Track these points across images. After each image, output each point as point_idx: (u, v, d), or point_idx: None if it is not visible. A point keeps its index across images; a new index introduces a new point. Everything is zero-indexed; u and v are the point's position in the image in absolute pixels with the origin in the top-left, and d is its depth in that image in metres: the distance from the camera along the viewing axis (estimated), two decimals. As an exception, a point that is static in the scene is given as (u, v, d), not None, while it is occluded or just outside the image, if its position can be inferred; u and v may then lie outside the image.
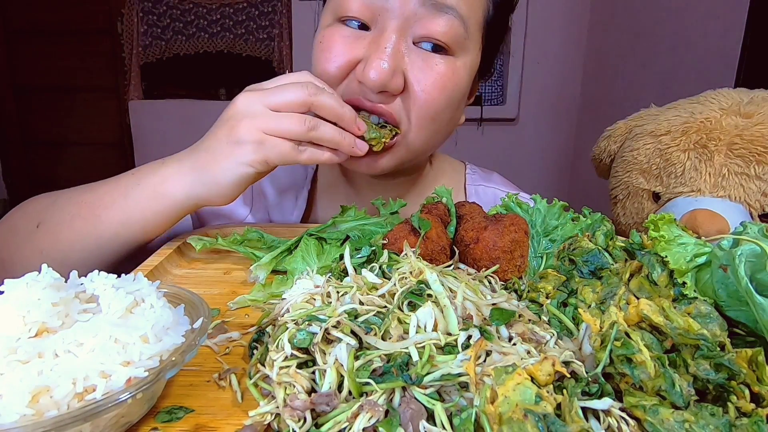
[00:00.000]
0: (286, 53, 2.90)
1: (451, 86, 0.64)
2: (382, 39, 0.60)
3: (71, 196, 0.62)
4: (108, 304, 0.36)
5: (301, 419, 0.31)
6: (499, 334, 0.36)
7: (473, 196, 0.87)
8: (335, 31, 0.63)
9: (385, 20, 0.60)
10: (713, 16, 1.69)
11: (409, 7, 0.59)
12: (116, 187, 0.60)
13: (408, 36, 0.61)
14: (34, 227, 0.61)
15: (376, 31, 0.61)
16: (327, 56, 0.63)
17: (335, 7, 0.63)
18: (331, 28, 0.64)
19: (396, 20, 0.60)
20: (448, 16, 0.60)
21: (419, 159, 0.76)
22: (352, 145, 0.59)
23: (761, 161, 0.70)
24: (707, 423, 0.28)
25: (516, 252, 0.51)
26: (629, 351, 0.32)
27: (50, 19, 2.94)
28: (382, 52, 0.59)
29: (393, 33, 0.60)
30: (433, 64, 0.62)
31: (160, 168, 0.59)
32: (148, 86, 3.02)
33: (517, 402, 0.28)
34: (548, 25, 2.67)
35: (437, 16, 0.60)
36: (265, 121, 0.55)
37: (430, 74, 0.62)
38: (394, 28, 0.60)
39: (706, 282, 0.40)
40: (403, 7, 0.59)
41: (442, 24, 0.60)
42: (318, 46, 0.65)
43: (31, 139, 3.14)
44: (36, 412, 0.28)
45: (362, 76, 0.60)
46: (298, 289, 0.44)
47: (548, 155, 2.91)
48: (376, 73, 0.58)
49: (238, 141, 0.55)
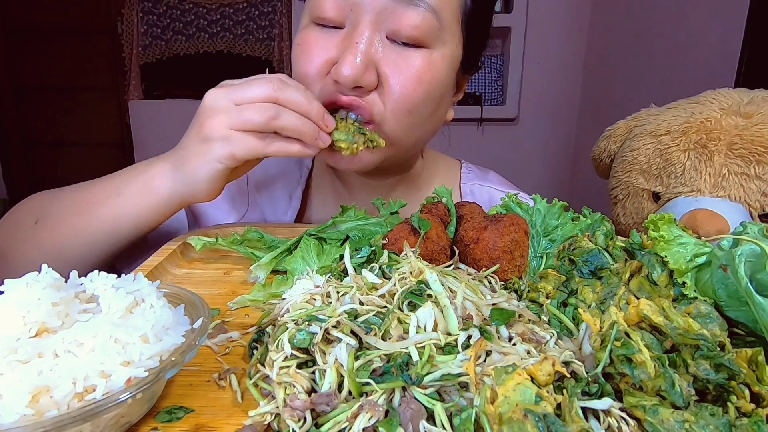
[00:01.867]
0: (286, 53, 2.90)
1: (428, 79, 0.63)
2: (354, 35, 0.60)
3: (68, 194, 0.64)
4: (108, 304, 0.36)
5: (301, 419, 0.31)
6: (499, 334, 0.36)
7: (468, 196, 0.87)
8: (311, 32, 0.64)
9: (357, 16, 0.61)
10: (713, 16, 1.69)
11: (379, 1, 0.59)
12: (110, 185, 0.62)
13: (381, 31, 0.61)
14: (33, 223, 0.63)
15: (348, 28, 0.62)
16: (305, 58, 0.64)
17: (311, 8, 0.64)
18: (307, 30, 0.64)
19: (367, 15, 0.60)
20: (420, 9, 0.60)
21: (405, 156, 0.75)
22: (314, 135, 0.59)
23: (761, 161, 0.70)
24: (707, 423, 0.28)
25: (516, 252, 0.51)
26: (629, 351, 0.32)
27: (50, 19, 2.94)
28: (355, 48, 0.59)
29: (365, 28, 0.60)
30: (408, 58, 0.62)
31: (149, 166, 0.61)
32: (148, 86, 3.02)
33: (517, 402, 0.28)
34: (548, 25, 2.67)
35: (409, 9, 0.60)
36: (229, 117, 0.56)
37: (405, 68, 0.62)
38: (366, 24, 0.60)
39: (706, 282, 0.40)
40: (374, 2, 0.60)
41: (414, 17, 0.60)
42: (296, 49, 0.66)
43: (31, 139, 3.14)
44: (36, 412, 0.28)
45: (336, 73, 0.60)
46: (298, 289, 0.44)
47: (548, 155, 2.91)
48: (348, 68, 0.59)
49: (206, 138, 0.57)
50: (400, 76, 0.62)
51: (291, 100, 0.57)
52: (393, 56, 0.62)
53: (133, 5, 2.88)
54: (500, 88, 2.82)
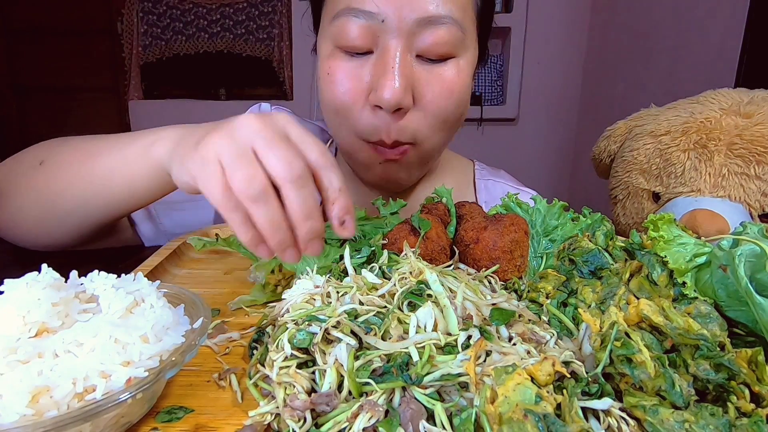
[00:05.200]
0: (286, 53, 2.90)
1: (457, 89, 0.65)
2: (387, 59, 0.61)
3: (79, 142, 0.62)
4: (108, 304, 0.36)
5: (301, 419, 0.31)
6: (499, 334, 0.36)
7: (483, 191, 0.89)
8: (340, 61, 0.64)
9: (386, 41, 0.61)
10: (713, 16, 1.69)
11: (407, 24, 0.60)
12: (118, 141, 0.60)
13: (411, 51, 0.62)
14: (37, 164, 0.61)
15: (379, 53, 0.62)
16: (340, 90, 0.64)
17: (334, 36, 0.63)
18: (335, 59, 0.64)
19: (397, 39, 0.61)
20: (445, 25, 0.61)
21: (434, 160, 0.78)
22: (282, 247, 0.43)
23: (761, 161, 0.70)
24: (707, 423, 0.28)
25: (516, 252, 0.51)
26: (629, 351, 0.32)
27: (50, 19, 2.94)
28: (391, 72, 0.60)
29: (396, 51, 0.61)
30: (439, 74, 0.63)
31: (157, 132, 0.57)
32: (148, 86, 3.02)
33: (517, 402, 0.28)
34: (548, 26, 2.67)
35: (436, 28, 0.61)
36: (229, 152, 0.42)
37: (438, 83, 0.63)
38: (397, 47, 0.61)
39: (705, 282, 0.40)
40: (401, 26, 0.60)
41: (442, 34, 0.61)
42: (326, 79, 0.65)
43: (31, 139, 3.13)
44: (36, 412, 0.28)
45: (377, 99, 0.61)
46: (298, 289, 0.44)
47: (548, 155, 2.91)
48: (389, 92, 0.60)
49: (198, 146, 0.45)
50: (433, 92, 0.63)
51: (293, 203, 0.42)
52: (425, 74, 0.63)
53: (133, 5, 2.88)
54: (500, 88, 2.82)
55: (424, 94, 0.63)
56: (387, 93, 0.60)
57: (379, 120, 0.63)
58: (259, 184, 0.41)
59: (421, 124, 0.65)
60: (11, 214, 0.62)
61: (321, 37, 0.68)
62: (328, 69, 0.65)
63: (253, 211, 0.41)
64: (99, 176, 0.58)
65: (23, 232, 0.65)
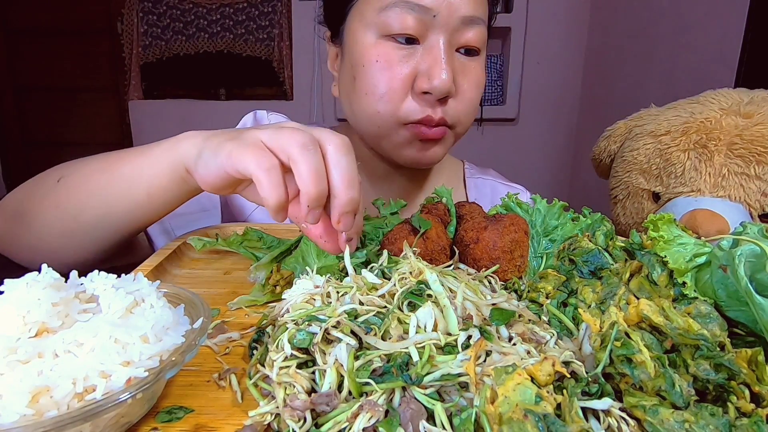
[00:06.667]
0: (286, 53, 2.90)
1: (483, 81, 0.75)
2: (436, 51, 0.68)
3: (96, 157, 0.62)
4: (108, 304, 0.36)
5: (301, 419, 0.31)
6: (499, 334, 0.36)
7: (473, 189, 0.93)
8: (390, 49, 0.69)
9: (435, 34, 0.68)
10: (713, 16, 1.69)
11: (454, 21, 0.67)
12: (136, 149, 0.59)
13: (453, 46, 0.69)
14: (56, 182, 0.61)
15: (427, 44, 0.68)
16: (390, 74, 0.69)
17: (384, 25, 0.68)
18: (384, 46, 0.69)
19: (444, 34, 0.67)
20: (479, 25, 0.70)
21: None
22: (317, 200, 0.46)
23: (761, 161, 0.70)
24: (707, 423, 0.28)
25: (516, 252, 0.51)
26: (629, 351, 0.32)
27: (50, 19, 2.94)
28: (440, 62, 0.67)
29: (443, 44, 0.68)
30: (472, 67, 0.72)
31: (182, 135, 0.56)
32: (148, 86, 3.02)
33: (517, 402, 0.28)
34: (548, 26, 2.67)
35: (471, 27, 0.69)
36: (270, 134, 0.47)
37: (471, 76, 0.72)
38: (444, 41, 0.68)
39: (705, 282, 0.40)
40: (449, 22, 0.67)
41: (475, 32, 0.69)
42: (374, 66, 0.69)
43: (31, 139, 3.14)
44: (36, 412, 0.28)
45: (429, 86, 0.67)
46: (298, 289, 0.44)
47: (548, 155, 2.91)
48: (440, 81, 0.66)
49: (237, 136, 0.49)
50: (468, 83, 0.72)
51: (338, 166, 0.46)
52: (461, 67, 0.71)
53: (133, 5, 2.88)
54: (500, 88, 2.82)
55: (461, 84, 0.71)
56: (438, 81, 0.66)
57: (424, 103, 0.69)
58: (308, 137, 0.46)
59: (458, 110, 0.72)
60: (36, 233, 0.62)
61: (358, 27, 0.71)
62: (377, 56, 0.69)
63: (300, 159, 0.44)
64: (120, 183, 0.58)
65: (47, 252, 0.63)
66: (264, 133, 0.47)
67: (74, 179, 0.61)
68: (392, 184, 0.85)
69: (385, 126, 0.72)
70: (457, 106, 0.72)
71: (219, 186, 0.51)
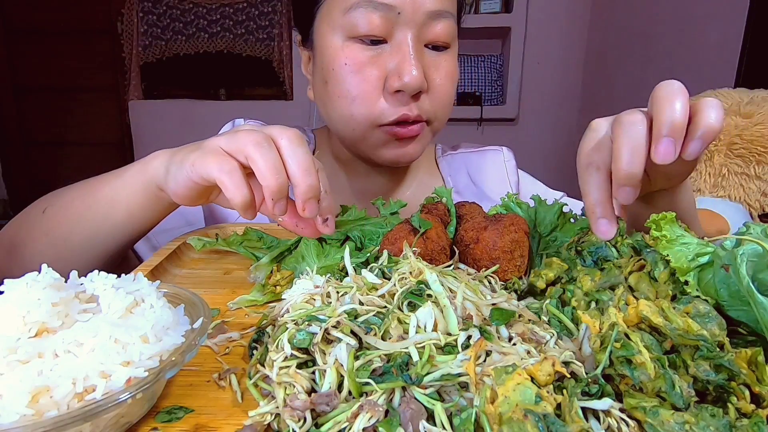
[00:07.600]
0: (286, 53, 2.90)
1: (455, 73, 0.74)
2: (404, 48, 0.67)
3: (79, 184, 0.64)
4: (108, 304, 0.36)
5: (301, 419, 0.31)
6: (499, 334, 0.36)
7: (446, 168, 0.93)
8: (357, 51, 0.68)
9: (401, 31, 0.67)
10: (713, 16, 1.69)
11: (419, 17, 0.67)
12: (113, 172, 0.61)
13: (421, 41, 0.69)
14: (41, 212, 0.63)
15: (394, 42, 0.68)
16: (361, 77, 0.68)
17: (349, 27, 0.67)
18: (351, 49, 0.68)
19: (410, 30, 0.67)
20: (447, 18, 0.69)
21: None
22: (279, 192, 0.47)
23: (761, 161, 0.70)
24: (707, 424, 0.28)
25: (516, 252, 0.51)
26: (629, 352, 0.32)
27: (50, 19, 2.94)
28: (409, 58, 0.67)
29: (412, 41, 0.67)
30: (442, 61, 0.72)
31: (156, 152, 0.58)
32: (148, 86, 3.02)
33: (517, 402, 0.28)
34: (548, 26, 2.67)
35: (438, 21, 0.68)
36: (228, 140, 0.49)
37: (442, 69, 0.72)
38: (411, 37, 0.67)
39: (708, 282, 0.40)
40: (415, 18, 0.67)
41: (443, 26, 0.69)
42: (344, 69, 0.69)
43: (31, 139, 3.14)
44: (36, 412, 0.28)
45: (400, 83, 0.66)
46: (298, 289, 0.44)
47: (548, 155, 2.91)
48: (410, 77, 0.66)
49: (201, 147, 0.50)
50: (439, 77, 0.71)
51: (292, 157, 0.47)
52: (432, 62, 0.71)
53: (133, 5, 2.88)
54: (500, 88, 2.82)
55: (434, 78, 0.70)
56: (408, 78, 0.66)
57: (398, 102, 0.69)
58: (261, 136, 0.48)
59: (434, 105, 0.72)
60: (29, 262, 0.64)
61: (326, 30, 0.70)
62: (345, 59, 0.69)
63: (256, 156, 0.46)
64: (101, 205, 0.60)
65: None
66: (221, 139, 0.49)
67: (58, 208, 0.63)
68: (374, 182, 0.85)
69: (360, 128, 0.72)
70: (433, 101, 0.72)
71: (191, 197, 0.53)
